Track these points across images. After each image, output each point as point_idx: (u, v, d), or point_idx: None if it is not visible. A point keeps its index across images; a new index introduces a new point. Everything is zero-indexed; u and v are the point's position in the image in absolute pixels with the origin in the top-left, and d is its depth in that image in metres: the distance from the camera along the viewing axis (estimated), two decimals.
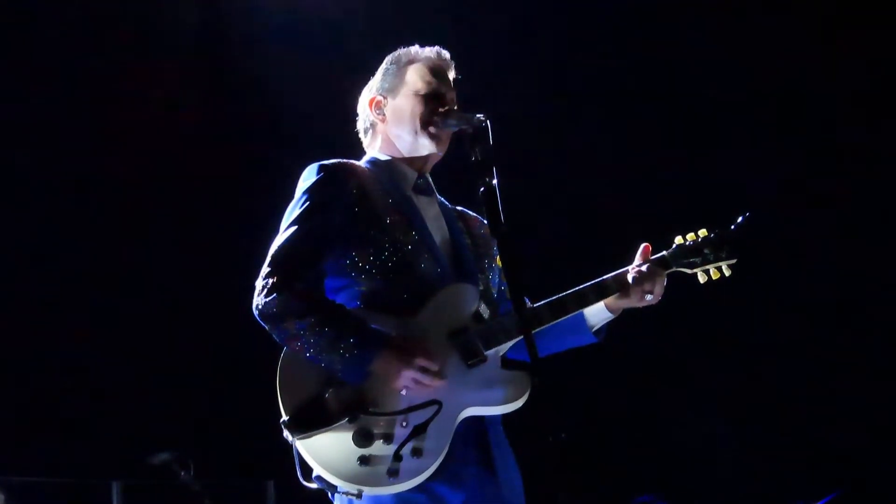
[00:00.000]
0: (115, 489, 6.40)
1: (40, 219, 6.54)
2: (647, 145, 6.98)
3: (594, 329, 3.19)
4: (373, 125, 3.22)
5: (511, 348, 3.01)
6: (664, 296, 3.14)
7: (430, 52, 3.19)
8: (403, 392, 2.83)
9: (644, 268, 3.09)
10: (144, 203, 6.77)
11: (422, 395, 2.82)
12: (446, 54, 3.21)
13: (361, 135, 3.28)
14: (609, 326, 3.22)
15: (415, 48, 3.20)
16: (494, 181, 2.74)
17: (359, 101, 3.26)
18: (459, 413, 2.85)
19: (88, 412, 6.47)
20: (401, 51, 3.22)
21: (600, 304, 3.14)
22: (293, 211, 3.00)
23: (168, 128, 6.72)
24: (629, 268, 3.13)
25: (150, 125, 6.65)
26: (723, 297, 4.56)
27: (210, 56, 6.95)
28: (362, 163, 3.18)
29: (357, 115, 3.27)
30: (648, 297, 3.08)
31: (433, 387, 2.82)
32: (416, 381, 2.81)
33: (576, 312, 3.09)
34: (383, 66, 3.22)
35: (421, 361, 2.81)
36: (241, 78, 6.95)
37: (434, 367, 2.82)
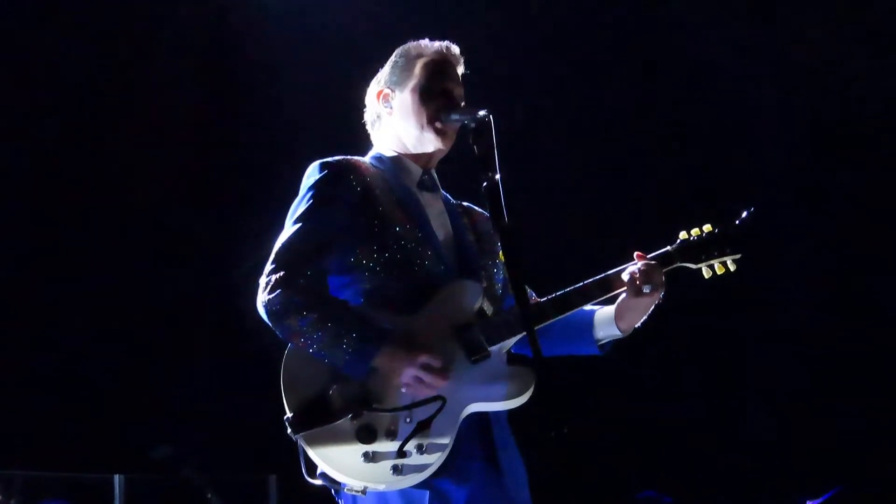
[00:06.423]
0: (118, 483, 6.40)
1: (42, 214, 6.54)
2: (650, 141, 6.98)
3: (601, 342, 3.18)
4: (379, 117, 3.22)
5: (515, 344, 3.01)
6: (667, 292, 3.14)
7: (438, 46, 3.18)
8: (404, 389, 2.82)
9: (640, 266, 3.08)
10: (148, 199, 6.76)
11: (425, 391, 2.81)
12: (455, 49, 3.20)
13: (368, 126, 3.27)
14: (616, 344, 3.21)
15: (424, 42, 3.19)
16: (497, 176, 2.74)
17: (367, 92, 3.25)
18: (463, 409, 2.85)
19: (90, 406, 6.48)
20: (410, 44, 3.21)
21: (610, 318, 3.13)
22: (297, 208, 3.00)
23: (171, 127, 6.71)
24: (628, 265, 3.13)
25: (153, 124, 6.65)
26: (723, 295, 4.55)
27: (213, 55, 6.94)
28: (367, 159, 3.17)
29: (365, 106, 3.26)
30: (646, 288, 3.06)
31: (435, 385, 2.81)
32: (418, 379, 2.81)
33: (581, 308, 3.08)
34: (392, 58, 3.22)
35: (423, 358, 2.81)
36: (245, 75, 6.95)
37: (437, 363, 2.82)
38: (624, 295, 3.09)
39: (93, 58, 6.48)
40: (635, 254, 3.14)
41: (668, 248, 3.18)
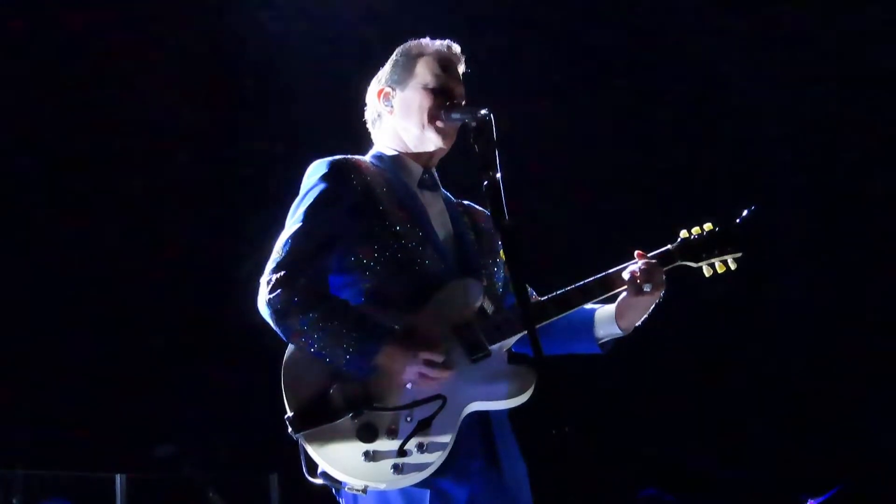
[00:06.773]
0: (119, 482, 6.41)
1: (43, 214, 6.55)
2: (651, 140, 6.98)
3: (601, 341, 3.18)
4: (380, 116, 3.21)
5: (515, 343, 3.01)
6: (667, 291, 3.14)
7: (440, 45, 3.17)
8: (408, 386, 2.82)
9: (640, 265, 3.09)
10: (148, 199, 6.77)
11: (426, 390, 2.82)
12: (456, 48, 3.19)
13: (369, 125, 3.27)
14: (617, 343, 3.20)
15: (425, 40, 3.19)
16: (498, 175, 2.74)
17: (367, 90, 3.25)
18: (464, 408, 2.85)
19: (92, 406, 6.48)
20: (411, 42, 3.20)
21: (610, 317, 3.13)
22: (298, 207, 3.00)
23: (172, 126, 6.72)
24: (629, 264, 3.13)
25: (153, 124, 6.66)
26: (725, 293, 4.55)
27: (213, 55, 6.94)
28: (368, 158, 3.17)
29: (366, 104, 3.26)
30: (647, 287, 3.06)
31: (439, 380, 2.81)
32: (422, 375, 2.81)
33: (581, 307, 3.09)
34: (393, 56, 3.21)
35: (425, 354, 2.81)
36: (245, 74, 6.95)
37: (439, 358, 2.82)
38: (624, 293, 3.09)
39: (93, 57, 6.49)
40: (636, 252, 3.14)
41: (669, 246, 3.19)
